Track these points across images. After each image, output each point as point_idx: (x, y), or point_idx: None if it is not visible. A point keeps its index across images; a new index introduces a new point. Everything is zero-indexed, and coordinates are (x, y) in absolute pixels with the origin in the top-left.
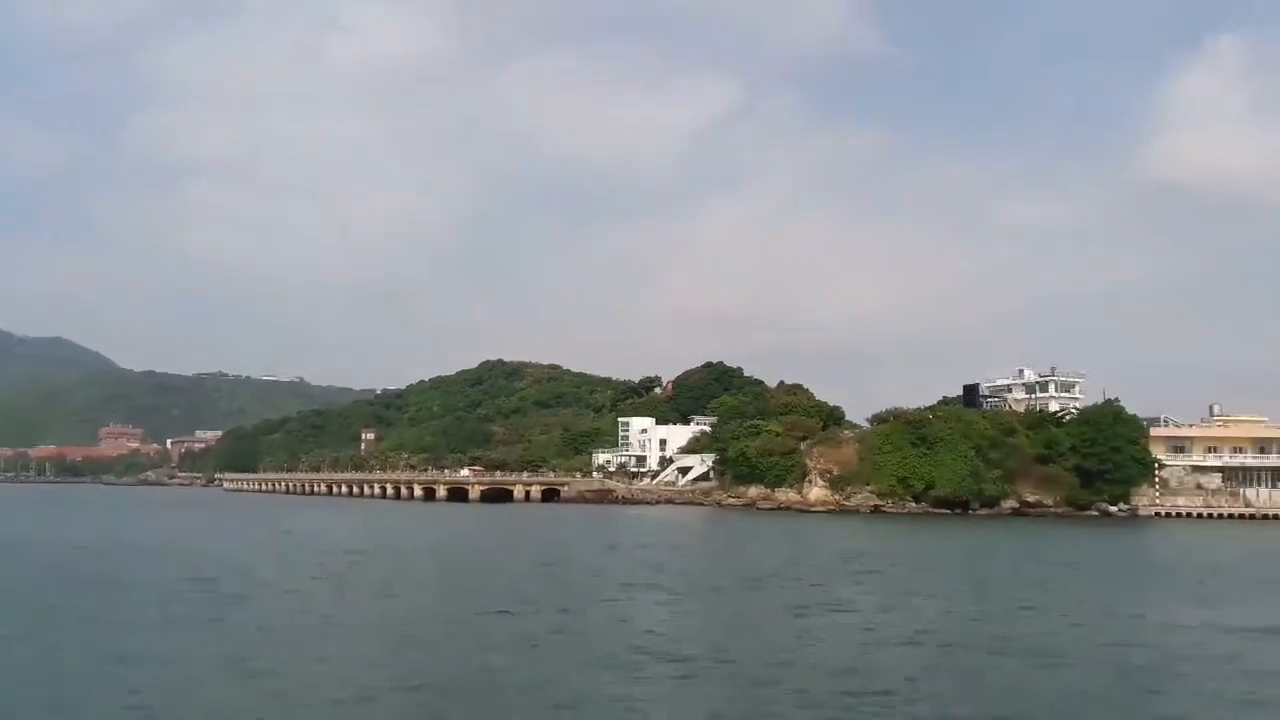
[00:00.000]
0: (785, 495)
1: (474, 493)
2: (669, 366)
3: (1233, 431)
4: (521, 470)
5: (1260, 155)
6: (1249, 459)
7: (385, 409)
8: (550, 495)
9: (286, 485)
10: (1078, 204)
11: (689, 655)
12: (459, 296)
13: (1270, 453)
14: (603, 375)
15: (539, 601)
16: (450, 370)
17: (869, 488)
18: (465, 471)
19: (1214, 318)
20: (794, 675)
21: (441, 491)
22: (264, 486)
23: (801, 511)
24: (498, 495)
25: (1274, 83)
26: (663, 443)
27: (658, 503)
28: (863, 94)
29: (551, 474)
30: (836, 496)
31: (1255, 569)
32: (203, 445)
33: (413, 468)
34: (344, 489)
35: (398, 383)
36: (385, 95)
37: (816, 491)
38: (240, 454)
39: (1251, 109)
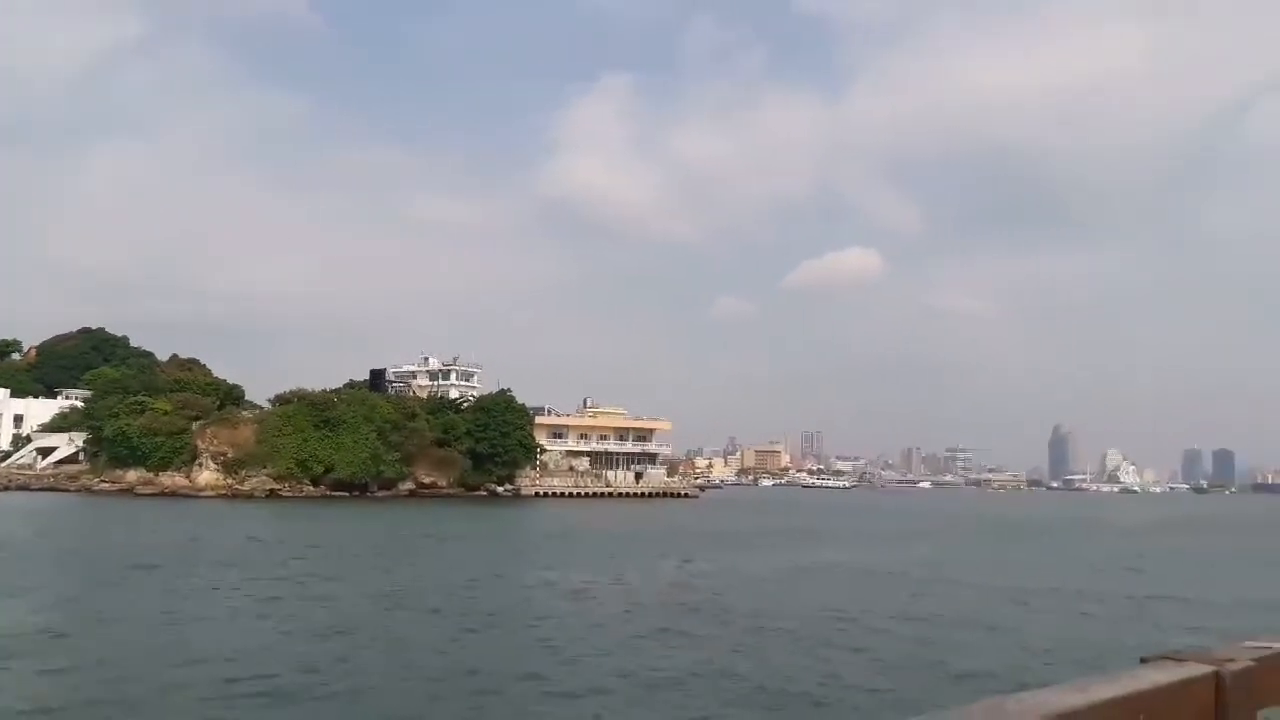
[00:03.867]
0: (171, 479)
1: None
2: (34, 331)
3: (600, 421)
4: None
5: (635, 186)
6: (611, 445)
7: None
8: None
9: None
10: (492, 206)
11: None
12: None
13: (627, 440)
14: None
15: None
16: None
17: (266, 470)
18: None
19: (592, 322)
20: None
21: None
22: None
23: (189, 496)
24: None
25: (650, 124)
26: (18, 418)
27: (8, 489)
28: (291, 62)
29: None
30: (230, 480)
31: (602, 540)
32: None
33: None
34: None
35: None
36: None
37: (207, 475)
38: None
39: (632, 145)
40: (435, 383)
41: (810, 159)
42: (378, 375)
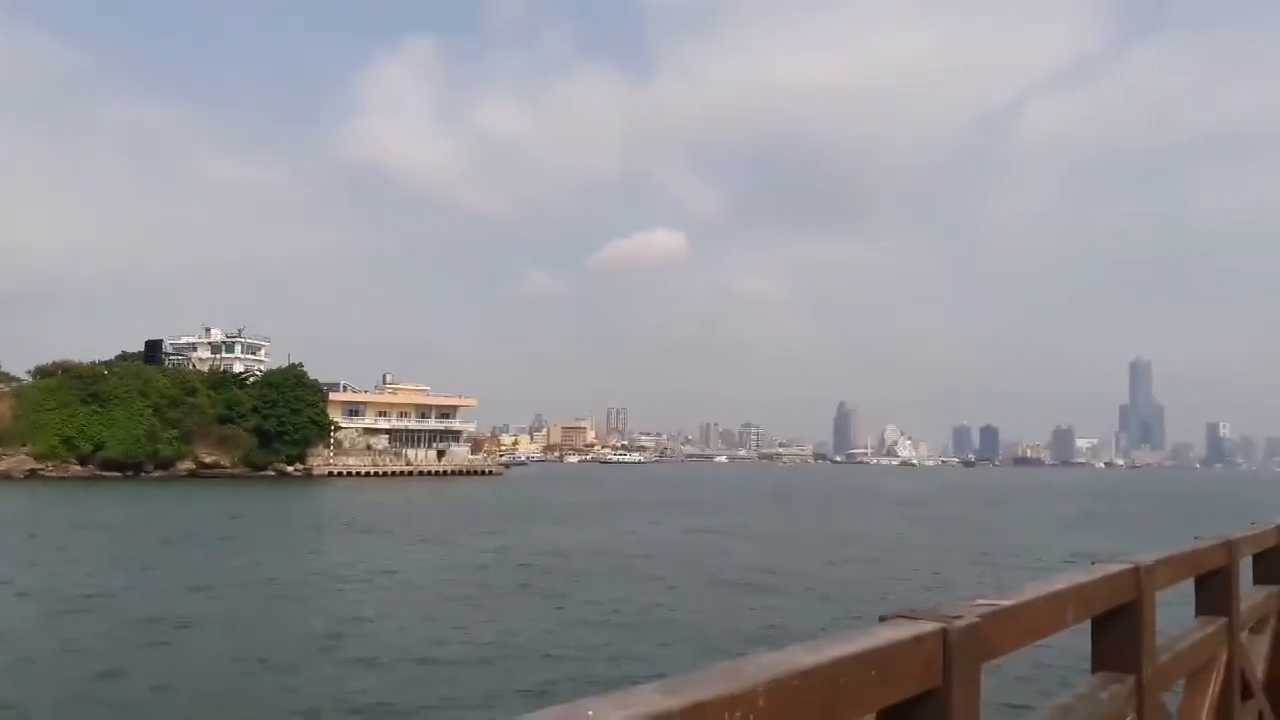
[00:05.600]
0: None
1: None
2: None
3: (400, 398)
4: None
5: (440, 154)
6: (412, 423)
7: None
8: None
9: None
10: (281, 171)
11: None
12: None
13: (429, 418)
14: None
15: None
16: None
17: (25, 449)
18: None
19: (394, 295)
20: None
21: None
22: None
23: None
24: None
25: (456, 92)
26: None
27: None
28: (59, 7)
29: None
30: None
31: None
32: None
33: None
34: None
35: None
36: None
37: None
38: None
39: (436, 112)
40: (218, 356)
41: (618, 139)
42: (154, 347)
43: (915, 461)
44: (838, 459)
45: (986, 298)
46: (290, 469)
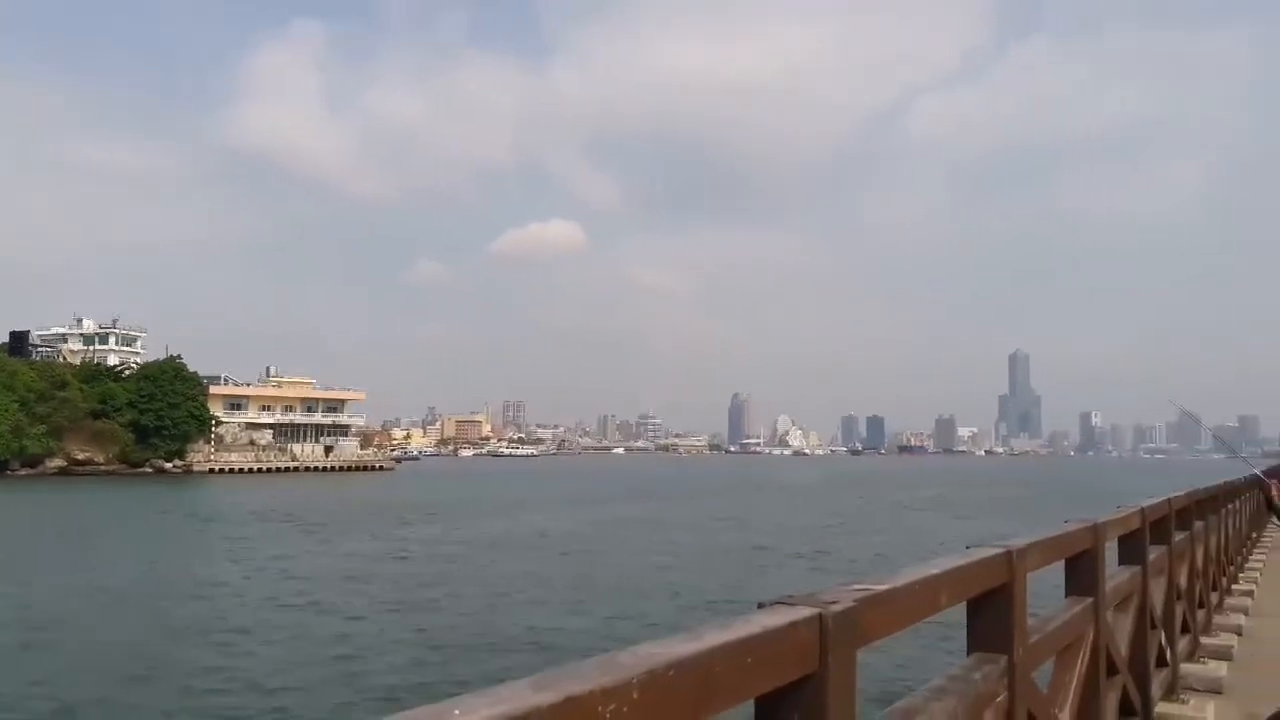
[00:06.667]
0: None
1: None
2: None
3: (285, 391)
4: None
5: (331, 141)
6: (299, 416)
7: None
8: None
9: None
10: (156, 153)
11: None
12: None
13: (316, 411)
14: None
15: None
16: None
17: None
18: None
19: (280, 284)
20: None
21: None
22: None
23: None
24: None
25: (345, 78)
26: None
27: None
28: None
29: None
30: None
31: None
32: None
33: None
34: None
35: None
36: None
37: None
38: None
39: (325, 98)
40: (90, 348)
41: (511, 127)
42: (19, 338)
43: (806, 451)
44: (732, 449)
45: (876, 292)
46: (169, 465)
